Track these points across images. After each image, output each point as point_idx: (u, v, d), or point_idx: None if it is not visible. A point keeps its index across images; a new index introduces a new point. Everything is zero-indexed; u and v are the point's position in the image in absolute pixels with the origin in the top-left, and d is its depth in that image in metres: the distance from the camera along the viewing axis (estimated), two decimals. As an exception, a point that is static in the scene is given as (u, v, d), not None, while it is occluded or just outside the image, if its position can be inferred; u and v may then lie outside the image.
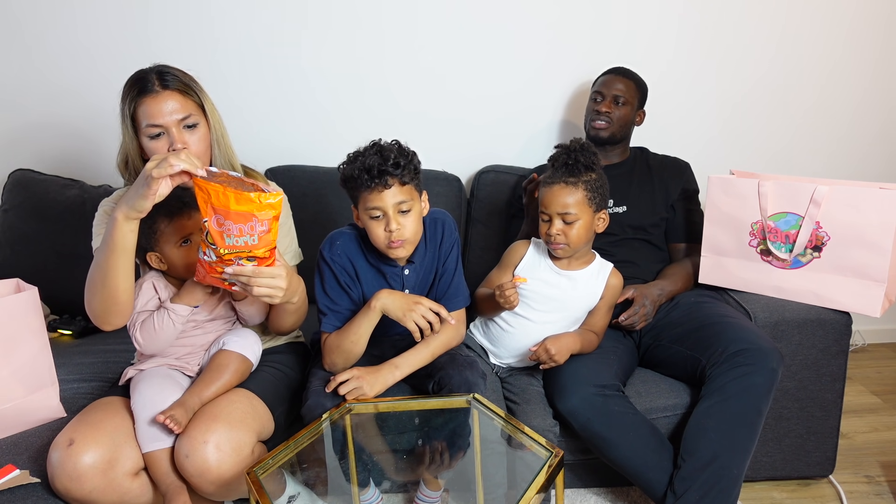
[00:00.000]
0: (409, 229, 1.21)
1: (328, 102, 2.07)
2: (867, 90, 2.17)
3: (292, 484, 1.29)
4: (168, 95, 1.19)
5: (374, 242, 1.24)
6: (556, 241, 1.35)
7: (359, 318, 1.24)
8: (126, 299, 1.14)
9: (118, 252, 1.07)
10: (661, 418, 1.42)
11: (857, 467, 1.65)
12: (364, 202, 1.20)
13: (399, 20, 2.01)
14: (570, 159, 1.34)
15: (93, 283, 1.13)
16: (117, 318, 1.16)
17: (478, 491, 1.26)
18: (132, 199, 1.03)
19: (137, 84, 1.19)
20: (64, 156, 2.04)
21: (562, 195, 1.34)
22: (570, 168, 1.34)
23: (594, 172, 1.36)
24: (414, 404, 1.23)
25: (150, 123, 1.18)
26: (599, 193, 1.36)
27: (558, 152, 1.38)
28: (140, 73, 1.21)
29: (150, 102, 1.18)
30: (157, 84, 1.19)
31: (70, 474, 1.05)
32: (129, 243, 1.08)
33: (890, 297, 1.44)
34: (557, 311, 1.42)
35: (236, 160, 1.34)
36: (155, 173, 1.00)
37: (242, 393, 1.23)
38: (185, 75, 1.24)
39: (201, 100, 1.25)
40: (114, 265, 1.08)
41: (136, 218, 1.06)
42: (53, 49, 1.96)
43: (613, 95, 1.72)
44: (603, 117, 1.72)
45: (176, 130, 1.19)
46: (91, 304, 1.15)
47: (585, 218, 1.35)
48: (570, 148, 1.36)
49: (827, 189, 1.41)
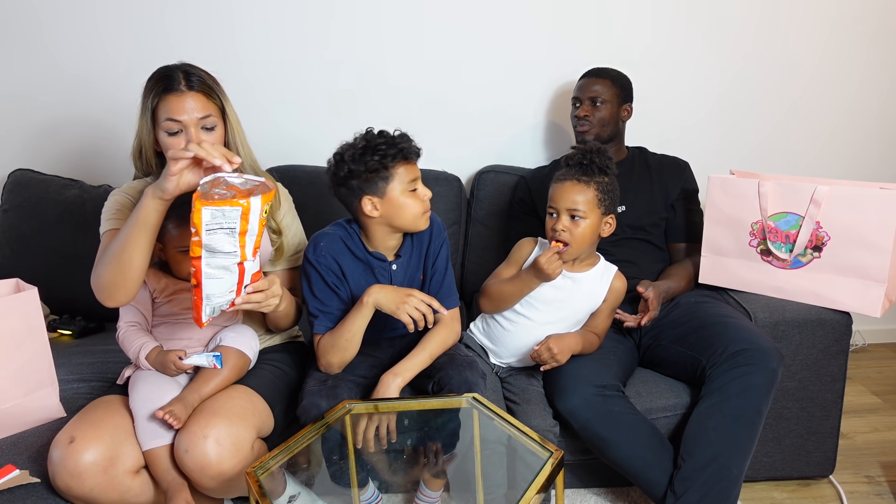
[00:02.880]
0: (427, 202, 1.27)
1: (328, 103, 2.07)
2: (867, 90, 2.17)
3: (292, 484, 1.29)
4: (192, 95, 1.20)
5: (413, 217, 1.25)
6: (560, 237, 1.35)
7: (351, 315, 1.24)
8: (136, 276, 1.15)
9: (139, 227, 1.10)
10: (661, 418, 1.41)
11: (858, 467, 1.65)
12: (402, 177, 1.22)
13: (400, 20, 2.01)
14: (586, 159, 1.35)
15: (107, 255, 1.15)
16: (123, 294, 1.17)
17: (478, 491, 1.26)
18: (161, 179, 1.08)
19: (163, 81, 1.21)
20: (64, 156, 2.04)
21: (573, 192, 1.34)
22: (585, 167, 1.35)
23: (607, 176, 1.36)
24: (414, 404, 1.23)
25: (169, 118, 1.20)
26: (610, 197, 1.36)
27: (574, 152, 1.39)
28: (166, 71, 1.22)
29: (173, 100, 1.19)
30: (182, 83, 1.20)
31: (71, 472, 1.06)
32: (151, 221, 1.11)
33: (890, 297, 1.44)
34: (560, 312, 1.42)
35: (258, 164, 1.36)
36: (171, 154, 1.05)
37: (242, 389, 1.23)
38: (209, 77, 1.26)
39: (223, 103, 1.26)
40: (133, 239, 1.11)
41: (160, 198, 1.08)
42: (55, 49, 1.96)
43: (590, 98, 1.72)
44: (583, 122, 1.72)
45: (194, 129, 1.21)
46: (100, 276, 1.16)
47: (593, 218, 1.35)
48: (587, 149, 1.37)
49: (827, 189, 1.41)
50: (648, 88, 2.00)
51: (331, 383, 1.27)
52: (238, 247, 1.04)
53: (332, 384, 1.27)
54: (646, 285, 1.54)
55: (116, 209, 1.29)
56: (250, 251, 1.06)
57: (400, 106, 2.08)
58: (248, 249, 1.05)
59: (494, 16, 2.02)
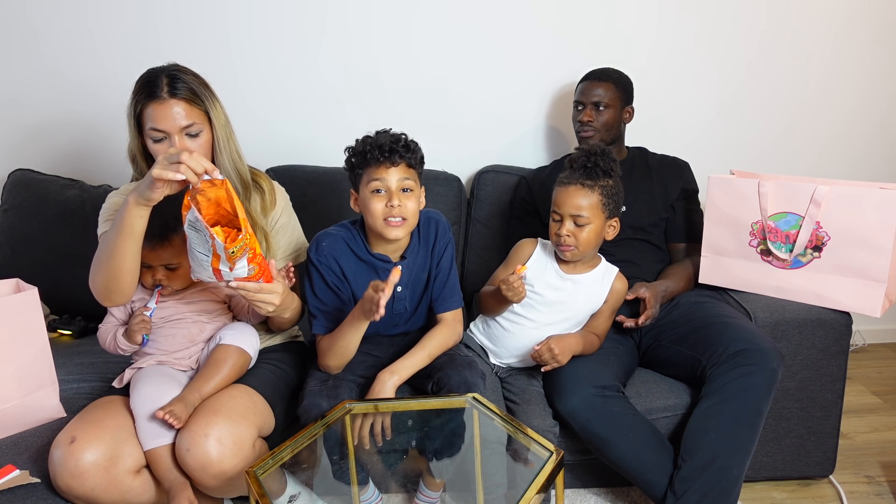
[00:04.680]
0: (410, 209, 1.22)
1: (328, 103, 2.07)
2: (869, 91, 2.17)
3: (293, 483, 1.29)
4: (174, 103, 1.19)
5: (372, 219, 1.23)
6: (566, 242, 1.35)
7: (346, 325, 1.24)
8: (129, 280, 1.17)
9: (125, 234, 1.10)
10: (661, 418, 1.42)
11: (858, 467, 1.65)
12: (369, 176, 1.22)
13: (400, 20, 2.01)
14: (590, 162, 1.34)
15: (98, 261, 1.17)
16: (118, 296, 1.19)
17: (478, 491, 1.26)
18: (143, 187, 1.06)
19: (146, 87, 1.20)
20: (64, 156, 2.04)
21: (577, 196, 1.33)
22: (589, 171, 1.34)
23: (611, 179, 1.35)
24: (413, 404, 1.23)
25: (153, 127, 1.19)
26: (614, 200, 1.36)
27: (578, 154, 1.37)
28: (151, 76, 1.21)
29: (155, 107, 1.19)
30: (165, 90, 1.19)
31: (72, 472, 1.06)
32: (137, 227, 1.11)
33: (890, 297, 1.44)
34: (561, 313, 1.42)
35: (243, 165, 1.34)
36: (155, 173, 1.03)
37: (242, 388, 1.23)
38: (195, 81, 1.24)
39: (207, 108, 1.25)
40: (120, 246, 1.11)
41: (145, 205, 1.08)
42: (55, 49, 1.96)
43: (593, 102, 1.70)
44: (587, 127, 1.71)
45: (178, 137, 1.20)
46: (94, 280, 1.18)
47: (597, 222, 1.35)
48: (591, 151, 1.35)
49: (827, 189, 1.41)
50: (649, 89, 2.00)
51: (331, 383, 1.27)
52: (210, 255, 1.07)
53: (333, 384, 1.27)
54: (636, 288, 1.53)
55: (114, 211, 1.29)
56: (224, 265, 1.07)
57: (400, 105, 2.08)
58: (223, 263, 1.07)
59: (495, 15, 2.02)
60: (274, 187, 1.42)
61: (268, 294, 1.15)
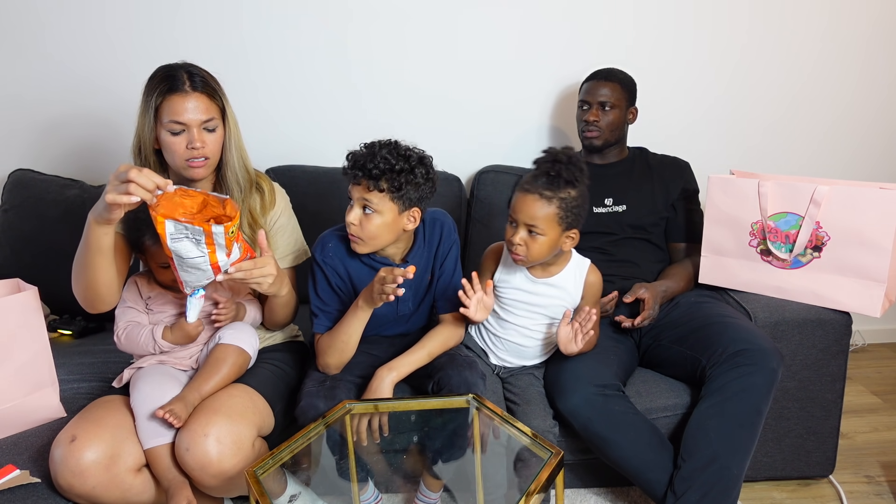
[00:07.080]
0: (367, 229, 1.21)
1: (328, 103, 2.06)
2: (866, 89, 2.17)
3: (293, 483, 1.29)
4: (196, 97, 1.20)
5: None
6: (516, 250, 1.31)
7: (348, 316, 1.24)
8: (107, 291, 1.19)
9: (93, 252, 1.11)
10: (661, 418, 1.42)
11: (858, 467, 1.65)
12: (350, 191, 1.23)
13: (401, 20, 2.01)
14: (553, 170, 1.26)
15: (75, 273, 1.18)
16: (101, 305, 1.22)
17: (478, 491, 1.26)
18: (100, 209, 1.05)
19: (167, 80, 1.20)
20: (64, 156, 2.04)
21: (533, 206, 1.27)
22: (551, 179, 1.26)
23: (575, 190, 1.27)
24: (413, 404, 1.23)
25: (173, 120, 1.19)
26: (573, 213, 1.28)
27: (544, 159, 1.30)
28: (170, 70, 1.22)
29: (177, 100, 1.19)
30: (187, 84, 1.20)
31: (73, 470, 1.06)
32: (104, 244, 1.11)
33: (890, 297, 1.44)
34: (541, 317, 1.42)
35: (249, 163, 1.35)
36: (108, 199, 1.00)
37: (242, 388, 1.24)
38: (211, 77, 1.26)
39: (224, 104, 1.26)
40: (90, 263, 1.13)
41: (106, 223, 1.07)
42: (55, 49, 1.96)
43: (599, 102, 1.70)
44: (592, 127, 1.71)
45: (197, 131, 1.21)
46: (75, 289, 1.21)
47: (551, 235, 1.29)
48: (557, 158, 1.27)
49: (827, 189, 1.41)
50: (650, 89, 2.00)
51: (329, 384, 1.27)
52: (206, 252, 1.06)
53: (331, 385, 1.27)
54: (636, 289, 1.53)
55: None
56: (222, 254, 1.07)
57: (401, 105, 2.08)
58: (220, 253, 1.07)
59: (496, 15, 2.02)
60: (274, 188, 1.42)
61: (262, 266, 1.15)
